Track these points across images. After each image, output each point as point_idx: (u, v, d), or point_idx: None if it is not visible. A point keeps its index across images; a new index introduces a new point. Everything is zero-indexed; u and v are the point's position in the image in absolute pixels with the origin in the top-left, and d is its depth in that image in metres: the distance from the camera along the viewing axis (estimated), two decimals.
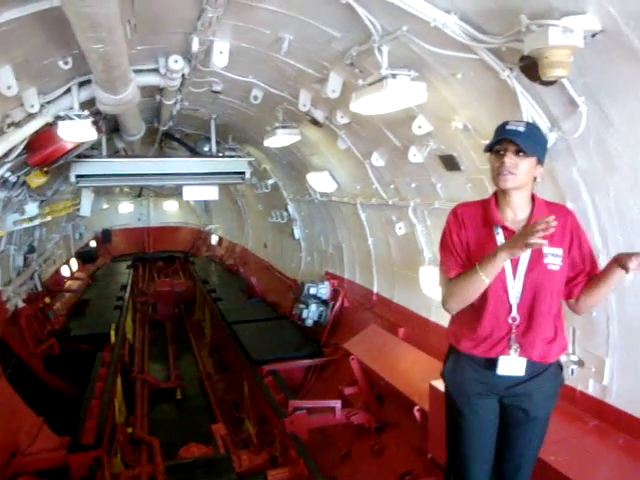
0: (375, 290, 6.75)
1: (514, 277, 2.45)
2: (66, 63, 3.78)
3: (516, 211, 2.45)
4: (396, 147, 4.80)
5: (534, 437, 2.60)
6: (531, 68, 2.53)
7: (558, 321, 2.52)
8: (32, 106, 4.02)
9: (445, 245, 2.57)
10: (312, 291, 7.61)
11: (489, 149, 2.40)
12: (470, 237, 2.50)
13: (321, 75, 4.39)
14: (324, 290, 7.67)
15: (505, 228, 2.44)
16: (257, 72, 4.83)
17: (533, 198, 2.48)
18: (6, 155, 4.65)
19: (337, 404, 5.24)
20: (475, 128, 3.65)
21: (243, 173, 7.66)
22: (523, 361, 2.45)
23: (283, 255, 10.60)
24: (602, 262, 3.13)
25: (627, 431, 3.17)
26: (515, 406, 2.54)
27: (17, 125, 4.21)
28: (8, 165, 5.11)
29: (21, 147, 4.64)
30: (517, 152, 2.32)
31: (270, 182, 9.37)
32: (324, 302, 7.64)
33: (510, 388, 2.51)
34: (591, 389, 3.44)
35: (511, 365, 2.46)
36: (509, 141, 2.32)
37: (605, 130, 2.77)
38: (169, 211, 20.00)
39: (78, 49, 3.26)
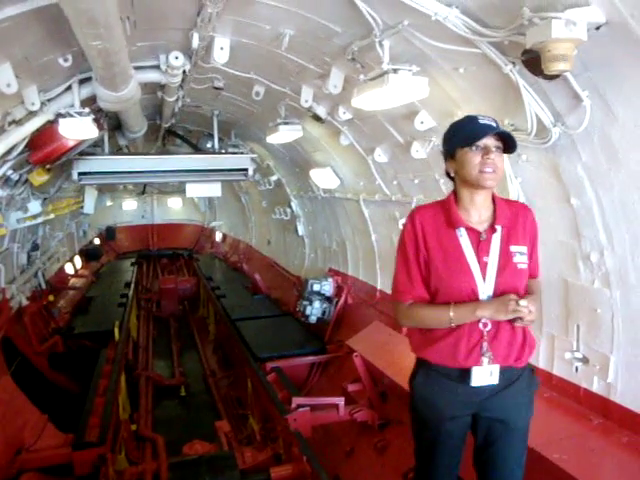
0: (379, 287, 6.72)
1: (484, 280, 2.32)
2: (66, 60, 3.76)
3: (480, 210, 2.38)
4: (399, 143, 4.76)
5: (516, 450, 2.45)
6: (534, 62, 2.48)
7: None
8: (33, 104, 4.00)
9: (401, 257, 2.50)
10: (315, 288, 7.57)
11: (469, 143, 2.26)
12: (430, 242, 2.40)
13: (322, 70, 4.36)
14: (327, 287, 7.62)
15: (469, 229, 2.36)
16: (258, 68, 4.80)
17: (493, 196, 2.42)
18: (8, 153, 4.64)
19: (340, 401, 5.21)
20: None
21: (246, 170, 7.59)
22: (496, 368, 2.33)
23: (287, 252, 10.58)
24: (606, 258, 3.11)
25: (632, 429, 3.14)
26: (493, 419, 2.41)
27: (18, 123, 4.19)
28: (10, 163, 5.09)
29: (22, 145, 4.62)
30: (495, 148, 2.26)
31: (273, 179, 9.34)
32: (328, 299, 7.61)
33: (486, 400, 2.39)
34: (595, 387, 3.40)
35: (484, 375, 2.33)
36: (496, 136, 2.25)
37: (610, 125, 2.73)
38: (173, 208, 20.02)
39: (77, 46, 3.25)
